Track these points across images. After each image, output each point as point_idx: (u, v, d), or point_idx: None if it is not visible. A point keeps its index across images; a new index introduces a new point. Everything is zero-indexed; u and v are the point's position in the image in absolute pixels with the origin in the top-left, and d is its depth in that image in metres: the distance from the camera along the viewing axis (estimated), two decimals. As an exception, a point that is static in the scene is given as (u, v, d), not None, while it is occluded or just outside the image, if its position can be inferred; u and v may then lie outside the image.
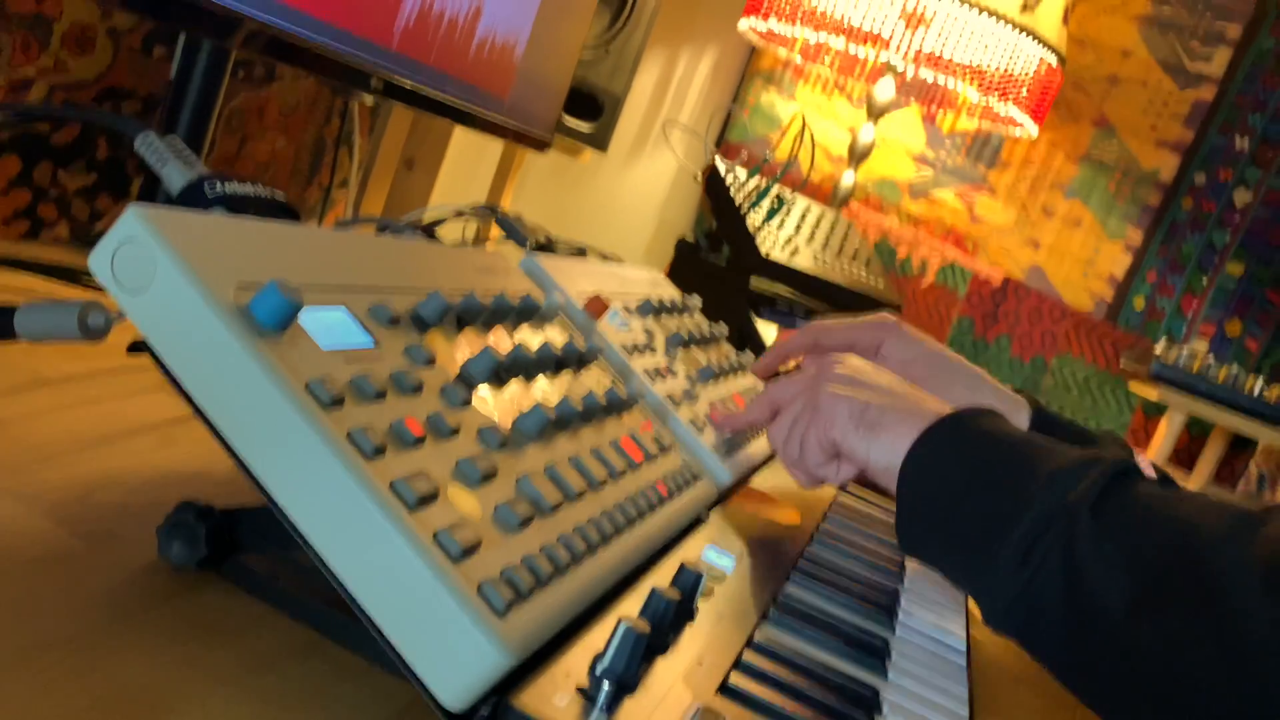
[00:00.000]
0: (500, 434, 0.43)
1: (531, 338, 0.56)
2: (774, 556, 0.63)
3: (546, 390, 0.53)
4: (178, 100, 0.84)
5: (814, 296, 1.34)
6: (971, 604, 0.81)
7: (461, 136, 1.39)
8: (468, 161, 1.49)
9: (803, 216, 1.39)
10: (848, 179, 1.85)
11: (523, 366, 0.50)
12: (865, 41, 1.75)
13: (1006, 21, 1.66)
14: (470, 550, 0.36)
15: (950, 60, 1.73)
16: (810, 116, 2.27)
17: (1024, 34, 1.67)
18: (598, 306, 0.69)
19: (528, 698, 0.35)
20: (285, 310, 0.36)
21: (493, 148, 1.51)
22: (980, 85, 1.72)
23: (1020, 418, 0.72)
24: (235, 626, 0.39)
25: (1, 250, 0.74)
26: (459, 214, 0.76)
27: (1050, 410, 0.74)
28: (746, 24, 1.86)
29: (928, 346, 0.74)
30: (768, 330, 1.22)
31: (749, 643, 0.49)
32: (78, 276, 0.74)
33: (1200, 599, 0.45)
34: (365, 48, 0.82)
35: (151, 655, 0.36)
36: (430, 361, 0.44)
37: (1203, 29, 2.06)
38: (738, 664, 0.47)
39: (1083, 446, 0.56)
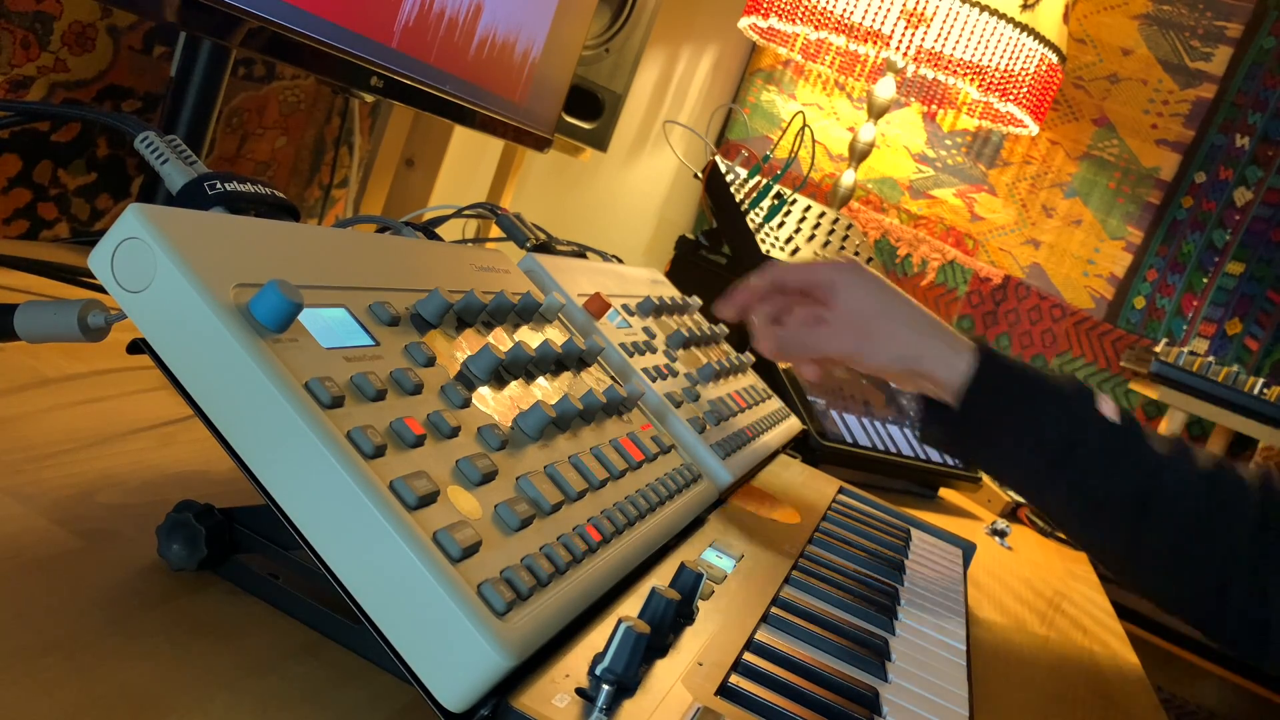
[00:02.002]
0: (500, 434, 0.43)
1: (531, 337, 0.56)
2: (774, 556, 0.63)
3: (546, 390, 0.53)
4: (178, 99, 0.84)
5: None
6: (972, 604, 0.81)
7: (461, 136, 1.39)
8: (468, 161, 1.49)
9: (803, 215, 1.39)
10: (848, 178, 1.85)
11: (523, 366, 0.50)
12: (866, 39, 1.75)
13: (1007, 19, 1.65)
14: (470, 551, 0.36)
15: (951, 58, 1.73)
16: (810, 115, 2.27)
17: (1024, 32, 1.67)
18: (598, 306, 0.69)
19: (528, 698, 0.35)
20: (285, 310, 0.36)
21: (493, 147, 1.51)
22: (980, 83, 1.72)
23: (958, 365, 0.76)
24: (235, 627, 0.39)
25: (1, 250, 0.74)
26: (459, 213, 0.76)
27: (1000, 355, 0.78)
28: (747, 22, 1.86)
29: (877, 289, 0.78)
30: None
31: (749, 644, 0.49)
32: (78, 276, 0.74)
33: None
34: (365, 46, 0.82)
35: (151, 656, 0.36)
36: (430, 361, 0.44)
37: (1203, 27, 2.05)
38: (737, 665, 0.47)
39: (1033, 391, 0.76)
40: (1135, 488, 0.74)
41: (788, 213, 1.36)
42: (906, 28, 1.68)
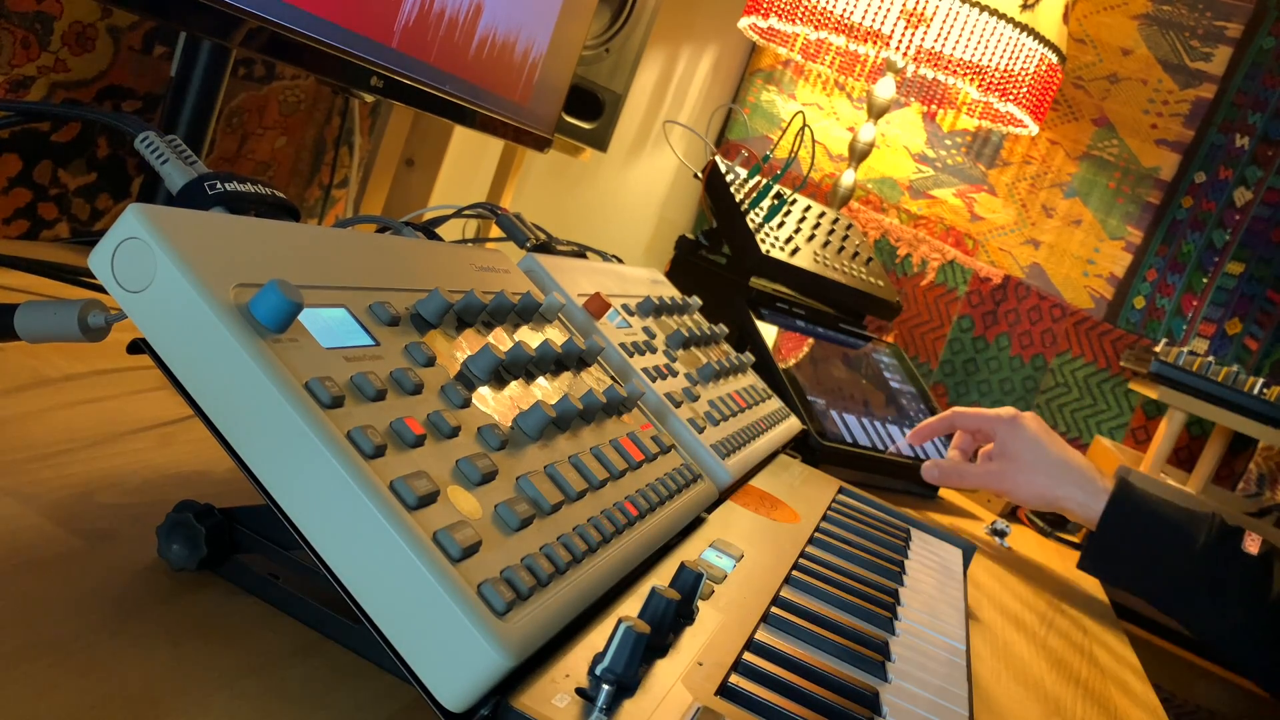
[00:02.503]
0: (500, 434, 0.43)
1: (531, 337, 0.56)
2: (774, 557, 0.63)
3: (546, 390, 0.53)
4: (178, 99, 0.84)
5: (814, 295, 1.34)
6: (972, 604, 0.81)
7: (461, 136, 1.39)
8: (468, 161, 1.49)
9: (803, 215, 1.39)
10: (848, 178, 1.85)
11: (523, 366, 0.50)
12: (866, 39, 1.75)
13: (1007, 19, 1.65)
14: (470, 551, 0.36)
15: (951, 58, 1.73)
16: (810, 115, 2.27)
17: (1024, 32, 1.67)
18: (598, 306, 0.69)
19: (528, 698, 0.35)
20: (285, 310, 0.36)
21: (493, 147, 1.51)
22: (980, 83, 1.72)
23: (1092, 505, 0.93)
24: (235, 627, 0.39)
25: (1, 250, 0.74)
26: (459, 213, 0.76)
27: (1139, 496, 0.92)
28: (747, 22, 1.86)
29: (1029, 442, 0.97)
30: (768, 331, 1.21)
31: (749, 644, 0.49)
32: (78, 276, 0.74)
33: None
34: (365, 46, 0.82)
35: (151, 655, 0.36)
36: (430, 361, 0.44)
37: (1203, 27, 2.05)
38: (737, 665, 0.47)
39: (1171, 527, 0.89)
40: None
41: (787, 213, 1.36)
42: (906, 28, 1.68)
